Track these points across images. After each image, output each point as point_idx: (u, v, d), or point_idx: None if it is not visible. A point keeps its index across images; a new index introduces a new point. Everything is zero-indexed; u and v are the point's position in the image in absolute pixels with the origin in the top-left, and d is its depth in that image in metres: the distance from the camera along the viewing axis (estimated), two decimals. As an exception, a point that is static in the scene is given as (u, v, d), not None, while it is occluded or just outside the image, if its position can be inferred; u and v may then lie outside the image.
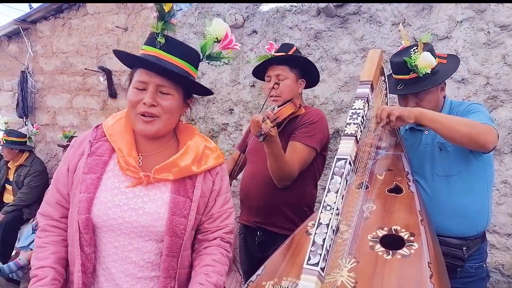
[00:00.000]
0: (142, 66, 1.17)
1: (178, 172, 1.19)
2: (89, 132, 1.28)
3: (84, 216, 1.13)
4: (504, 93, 2.40)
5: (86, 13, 4.50)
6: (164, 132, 1.23)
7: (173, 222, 1.16)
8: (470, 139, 1.46)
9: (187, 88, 1.24)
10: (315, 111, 1.96)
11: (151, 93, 1.15)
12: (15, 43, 5.18)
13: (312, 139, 1.85)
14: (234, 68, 3.50)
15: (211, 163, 1.26)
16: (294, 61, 1.96)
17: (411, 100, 1.72)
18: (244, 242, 2.09)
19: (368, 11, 2.82)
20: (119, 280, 1.16)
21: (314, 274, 0.93)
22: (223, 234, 1.27)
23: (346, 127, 1.16)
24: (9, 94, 5.35)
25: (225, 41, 1.26)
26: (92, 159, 1.19)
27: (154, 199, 1.18)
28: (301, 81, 2.01)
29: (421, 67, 1.64)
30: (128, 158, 1.17)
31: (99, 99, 4.56)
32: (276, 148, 1.72)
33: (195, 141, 1.27)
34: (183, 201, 1.19)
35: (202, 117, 3.75)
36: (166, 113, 1.18)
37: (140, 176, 1.16)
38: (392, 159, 1.71)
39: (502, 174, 2.42)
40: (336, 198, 1.02)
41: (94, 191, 1.15)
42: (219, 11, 3.49)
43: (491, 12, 2.40)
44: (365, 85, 1.25)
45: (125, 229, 1.15)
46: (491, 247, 2.44)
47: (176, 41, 1.21)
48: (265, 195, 1.91)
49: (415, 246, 1.13)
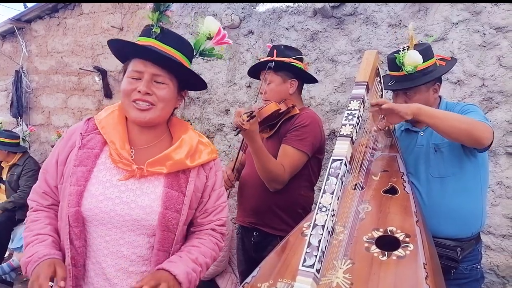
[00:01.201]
0: (137, 55, 1.16)
1: (172, 166, 1.19)
2: (80, 124, 1.27)
3: (74, 209, 1.12)
4: (500, 94, 2.41)
5: (82, 13, 4.48)
6: (157, 121, 1.22)
7: (166, 216, 1.15)
8: (467, 134, 1.46)
9: (181, 79, 1.24)
10: (308, 113, 1.94)
11: (146, 82, 1.14)
12: (9, 43, 5.14)
13: (302, 143, 1.84)
14: (230, 68, 3.49)
15: (204, 157, 1.26)
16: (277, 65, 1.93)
17: (400, 97, 1.74)
18: (241, 242, 2.10)
19: (365, 12, 2.82)
20: (109, 275, 1.16)
21: (310, 276, 0.92)
22: (215, 225, 1.28)
23: (342, 128, 1.15)
24: (3, 94, 5.31)
25: (218, 36, 1.27)
26: (83, 152, 1.18)
27: (147, 193, 1.17)
28: (291, 81, 1.99)
29: (407, 64, 1.65)
30: (121, 151, 1.16)
31: (94, 99, 4.53)
32: (255, 145, 1.71)
33: (189, 135, 1.27)
34: (176, 195, 1.18)
35: (198, 117, 3.73)
36: (161, 102, 1.17)
37: (133, 169, 1.15)
38: (387, 160, 1.71)
39: (497, 175, 2.43)
40: (331, 199, 1.02)
41: (85, 184, 1.14)
42: (215, 11, 3.48)
43: (487, 14, 2.41)
44: (361, 86, 1.25)
45: (117, 223, 1.14)
46: (486, 248, 2.45)
47: (171, 32, 1.21)
48: (260, 196, 1.91)
49: (410, 247, 1.13)
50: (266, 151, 1.76)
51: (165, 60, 1.14)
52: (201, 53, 1.28)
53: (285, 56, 1.96)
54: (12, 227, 3.89)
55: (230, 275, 2.95)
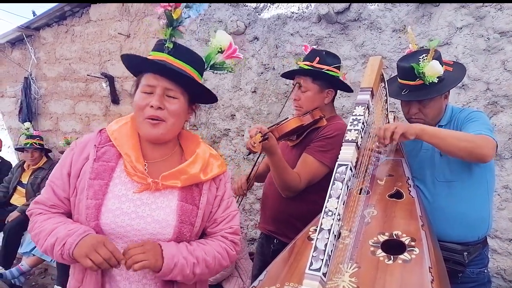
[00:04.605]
0: (150, 69, 1.18)
1: (187, 180, 1.20)
2: (92, 136, 1.26)
3: (94, 223, 1.12)
4: (504, 98, 2.41)
5: (89, 20, 4.54)
6: (169, 136, 1.23)
7: (181, 230, 1.17)
8: (469, 153, 1.48)
9: (192, 93, 1.25)
10: (336, 125, 1.84)
11: (158, 96, 1.15)
12: (18, 50, 5.23)
13: (324, 155, 1.77)
14: (235, 74, 3.52)
15: (216, 171, 1.28)
16: (316, 73, 1.86)
17: (414, 106, 1.72)
18: (260, 247, 2.09)
19: (369, 17, 2.84)
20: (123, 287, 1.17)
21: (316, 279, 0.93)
22: (225, 233, 1.28)
23: (347, 133, 1.17)
24: (12, 100, 5.38)
25: (229, 51, 1.28)
26: (99, 165, 1.18)
27: (162, 207, 1.18)
28: (328, 91, 1.90)
29: (428, 75, 1.62)
30: (136, 164, 1.17)
31: (101, 105, 4.59)
32: (273, 158, 1.68)
33: (202, 149, 1.28)
34: (190, 208, 1.20)
35: (204, 122, 3.77)
36: (172, 117, 1.18)
37: (148, 182, 1.16)
38: (392, 165, 1.72)
39: (503, 179, 2.43)
40: (337, 203, 1.03)
41: (102, 198, 1.14)
42: (221, 18, 3.52)
43: (491, 19, 2.42)
44: (366, 91, 1.27)
45: (133, 237, 1.15)
46: (493, 252, 2.44)
47: (183, 47, 1.22)
48: (279, 205, 1.88)
49: (416, 251, 1.14)
50: (284, 162, 1.71)
51: (177, 75, 1.16)
52: (212, 67, 1.30)
53: (325, 64, 1.85)
54: (22, 232, 3.93)
55: (237, 280, 2.96)
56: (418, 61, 1.63)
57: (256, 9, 3.36)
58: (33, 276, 4.10)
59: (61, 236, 1.08)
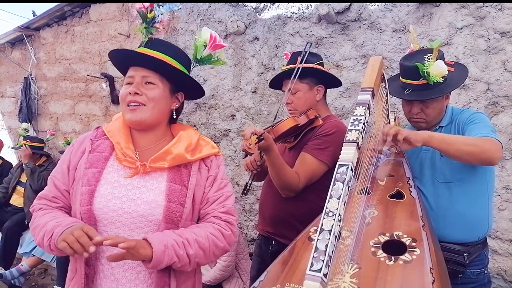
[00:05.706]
0: (130, 63, 1.27)
1: (173, 160, 1.24)
2: (89, 133, 1.36)
3: (86, 208, 1.17)
4: (505, 99, 2.41)
5: (89, 20, 4.54)
6: (150, 120, 1.27)
7: (170, 209, 1.20)
8: (477, 157, 1.48)
9: (174, 81, 1.31)
10: (332, 123, 1.85)
11: (136, 83, 1.24)
12: (18, 50, 5.23)
13: (322, 153, 1.76)
14: (236, 74, 3.52)
15: (205, 152, 1.32)
16: (302, 72, 1.85)
17: (416, 106, 1.72)
18: (259, 249, 2.08)
19: (369, 18, 2.84)
20: (118, 275, 1.20)
21: (317, 280, 0.93)
22: (218, 213, 1.27)
23: (348, 133, 1.16)
24: (12, 100, 5.38)
25: (211, 41, 1.36)
26: (93, 155, 1.26)
27: (152, 189, 1.22)
28: (318, 88, 1.92)
29: (433, 75, 1.62)
30: (125, 150, 1.24)
31: (101, 105, 4.59)
32: (270, 155, 1.67)
33: (188, 132, 1.34)
34: (179, 188, 1.23)
35: (204, 123, 3.76)
36: (151, 101, 1.24)
37: (137, 165, 1.21)
38: (393, 165, 1.72)
39: (503, 179, 2.43)
40: (338, 204, 1.03)
41: (95, 184, 1.20)
42: (221, 18, 3.52)
43: (491, 19, 2.42)
44: (367, 92, 1.26)
45: (125, 220, 1.19)
46: (493, 253, 2.44)
47: (161, 40, 1.32)
48: (278, 206, 1.87)
49: (417, 251, 1.14)
50: (282, 160, 1.71)
51: (152, 61, 1.23)
52: (201, 61, 1.38)
53: (309, 62, 1.87)
54: (21, 232, 3.93)
55: (237, 280, 2.95)
56: (421, 61, 1.63)
57: (256, 9, 3.35)
58: (33, 276, 4.10)
59: (49, 228, 1.13)
